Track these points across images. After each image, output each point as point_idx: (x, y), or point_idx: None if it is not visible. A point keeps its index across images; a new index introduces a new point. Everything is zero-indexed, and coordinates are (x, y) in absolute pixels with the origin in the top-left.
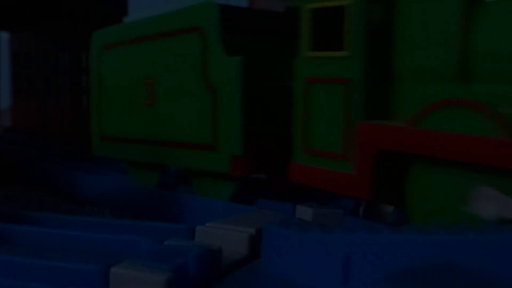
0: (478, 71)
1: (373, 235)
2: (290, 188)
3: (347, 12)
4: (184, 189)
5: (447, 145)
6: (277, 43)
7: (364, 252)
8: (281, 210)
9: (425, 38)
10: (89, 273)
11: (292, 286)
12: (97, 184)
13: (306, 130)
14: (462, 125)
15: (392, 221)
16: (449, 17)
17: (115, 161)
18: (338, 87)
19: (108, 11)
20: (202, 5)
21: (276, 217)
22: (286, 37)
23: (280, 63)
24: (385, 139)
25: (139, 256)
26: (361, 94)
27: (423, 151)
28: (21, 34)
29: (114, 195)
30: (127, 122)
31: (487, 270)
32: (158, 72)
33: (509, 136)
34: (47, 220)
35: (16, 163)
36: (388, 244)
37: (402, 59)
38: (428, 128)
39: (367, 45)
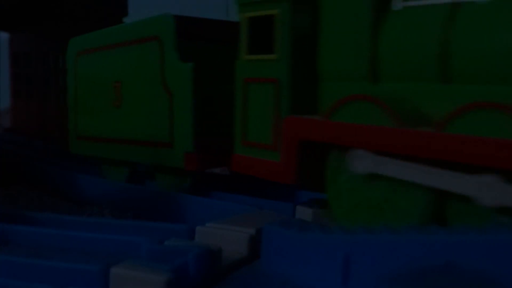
0: (385, 72)
1: (373, 235)
2: (249, 183)
3: (276, 20)
4: (150, 184)
5: (353, 135)
6: (227, 49)
7: (364, 253)
8: (281, 210)
9: (342, 43)
10: (89, 273)
11: (292, 287)
12: (96, 185)
13: (244, 125)
14: (365, 117)
15: None
16: (361, 25)
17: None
18: (269, 86)
19: (108, 12)
20: (160, 17)
21: (276, 217)
22: (235, 44)
23: (230, 68)
24: (306, 131)
25: (139, 257)
26: (288, 92)
27: (335, 141)
28: (21, 35)
29: (114, 196)
30: (99, 122)
31: (487, 270)
32: (124, 77)
33: (400, 126)
34: (47, 221)
35: (16, 164)
36: (388, 244)
37: (324, 62)
38: (338, 120)
39: (293, 49)
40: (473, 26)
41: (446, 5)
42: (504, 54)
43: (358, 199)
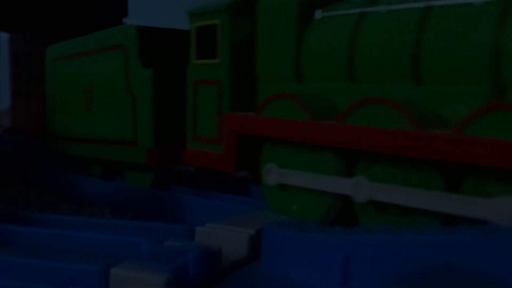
0: (306, 73)
1: (373, 235)
2: (212, 178)
3: (217, 29)
4: (120, 180)
5: (276, 128)
6: (185, 56)
7: (364, 253)
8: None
9: (273, 48)
10: (89, 274)
11: (292, 287)
12: (96, 185)
13: (194, 122)
14: (286, 112)
15: None
16: (288, 32)
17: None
18: (213, 87)
19: (108, 12)
20: (124, 27)
21: (276, 217)
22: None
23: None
24: (241, 126)
25: (139, 257)
26: (228, 92)
27: (262, 133)
28: (21, 35)
29: (113, 196)
30: (73, 123)
31: (487, 270)
32: (95, 81)
33: (311, 120)
34: (47, 221)
35: (16, 164)
36: (388, 244)
37: (260, 65)
38: (265, 116)
39: (232, 54)
40: (372, 34)
41: (354, 15)
42: (392, 58)
43: (277, 200)
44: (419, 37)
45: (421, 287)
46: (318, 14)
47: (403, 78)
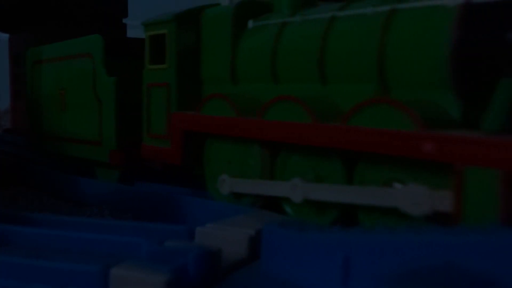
0: (240, 76)
1: (373, 235)
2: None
3: (166, 38)
4: (91, 176)
5: (211, 124)
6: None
7: (364, 253)
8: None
9: (214, 54)
10: (89, 274)
11: (292, 287)
12: (96, 186)
13: (148, 120)
14: (219, 110)
15: None
16: (225, 40)
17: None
18: (163, 89)
19: (108, 13)
20: (92, 37)
21: (275, 217)
22: None
23: None
24: (186, 123)
25: (139, 257)
26: (175, 93)
27: (202, 129)
28: (21, 35)
29: (113, 197)
30: (50, 123)
31: (487, 271)
32: (67, 85)
33: (237, 116)
34: (47, 221)
35: (16, 164)
36: (388, 244)
37: (203, 69)
38: (204, 114)
39: (179, 60)
40: (289, 41)
41: (277, 24)
42: (304, 62)
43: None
44: (325, 44)
45: (421, 287)
46: (250, 24)
47: (312, 79)
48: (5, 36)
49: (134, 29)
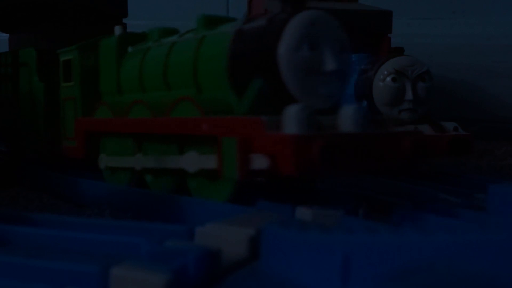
0: (123, 88)
1: (373, 235)
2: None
3: (72, 62)
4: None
5: (97, 125)
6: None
7: (364, 253)
8: (280, 211)
9: (106, 73)
10: (89, 274)
11: (292, 287)
12: (96, 187)
13: (64, 125)
14: (104, 114)
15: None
16: (112, 63)
17: None
18: (71, 101)
19: (108, 13)
20: (28, 50)
21: (275, 218)
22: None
23: None
24: (85, 125)
25: (139, 257)
26: (80, 104)
27: (93, 129)
28: (20, 35)
29: (113, 197)
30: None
31: (487, 271)
32: (21, 89)
33: (113, 117)
34: (46, 222)
35: (15, 165)
36: (388, 244)
37: (100, 84)
38: (95, 117)
39: (81, 78)
40: (150, 60)
41: (144, 49)
42: (156, 75)
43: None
44: (167, 61)
45: (421, 287)
46: (130, 49)
47: (161, 87)
48: (4, 36)
49: (134, 29)
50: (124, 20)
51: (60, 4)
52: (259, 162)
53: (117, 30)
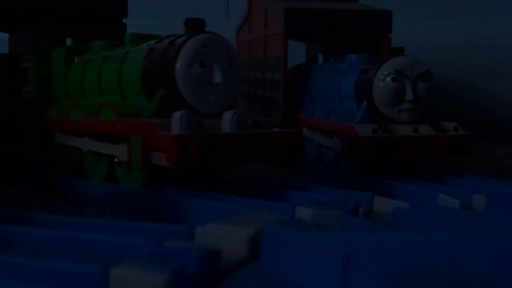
0: (70, 92)
1: (373, 235)
2: None
3: (29, 70)
4: None
5: (49, 124)
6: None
7: (364, 252)
8: (280, 210)
9: (57, 79)
10: (89, 274)
11: (292, 287)
12: (96, 187)
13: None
14: (54, 114)
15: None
16: (61, 71)
17: None
18: (29, 104)
19: (108, 13)
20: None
21: (275, 217)
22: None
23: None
24: (42, 124)
25: (139, 257)
26: (37, 107)
27: (46, 127)
28: (20, 35)
29: (113, 197)
30: None
31: (488, 270)
32: None
33: (58, 118)
34: (46, 222)
35: (15, 165)
36: (388, 244)
37: (53, 89)
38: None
39: (38, 83)
40: (90, 69)
41: (86, 59)
42: (92, 83)
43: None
44: (100, 71)
45: (422, 287)
46: (76, 59)
47: (96, 93)
48: (5, 36)
49: (134, 29)
50: (124, 20)
51: (60, 4)
52: (157, 156)
53: (68, 41)
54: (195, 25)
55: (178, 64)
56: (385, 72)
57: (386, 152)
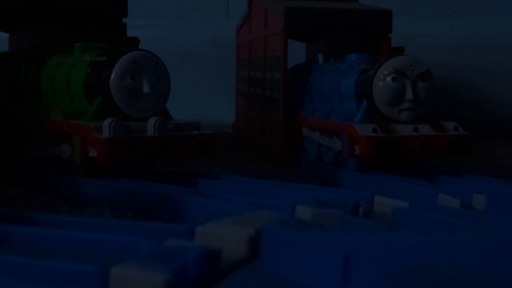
0: (24, 93)
1: (373, 235)
2: None
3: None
4: None
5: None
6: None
7: (364, 252)
8: (280, 210)
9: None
10: (89, 274)
11: (292, 287)
12: (96, 186)
13: None
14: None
15: None
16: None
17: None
18: None
19: (108, 13)
20: None
21: (275, 217)
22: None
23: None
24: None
25: (139, 257)
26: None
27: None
28: (20, 35)
29: (113, 197)
30: None
31: (487, 271)
32: None
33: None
34: (46, 221)
35: (15, 164)
36: (388, 244)
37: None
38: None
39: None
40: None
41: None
42: (53, 85)
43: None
44: (54, 76)
45: (422, 287)
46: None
47: (51, 96)
48: (5, 36)
49: (134, 29)
50: (124, 20)
51: (60, 4)
52: (93, 152)
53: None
54: (130, 43)
55: (112, 77)
56: (385, 72)
57: (386, 151)
